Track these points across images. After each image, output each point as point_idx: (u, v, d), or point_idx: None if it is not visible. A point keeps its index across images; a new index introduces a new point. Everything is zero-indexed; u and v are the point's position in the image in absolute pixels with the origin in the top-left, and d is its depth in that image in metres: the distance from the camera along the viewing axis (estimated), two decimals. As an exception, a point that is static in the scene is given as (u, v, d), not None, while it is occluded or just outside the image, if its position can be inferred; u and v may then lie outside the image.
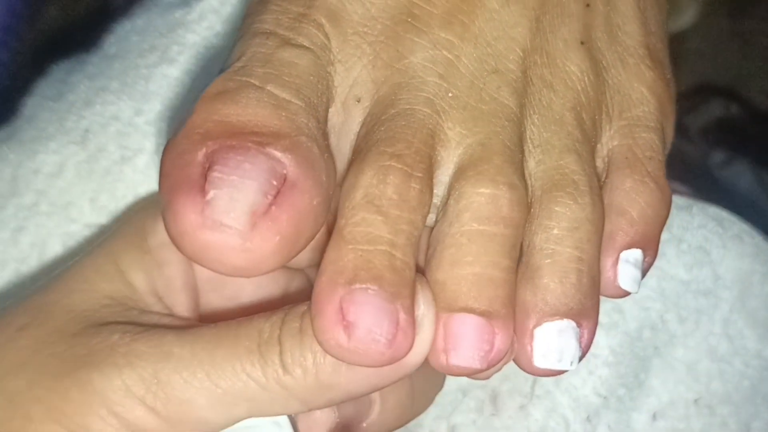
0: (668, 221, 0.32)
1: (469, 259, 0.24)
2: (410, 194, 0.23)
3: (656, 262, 0.32)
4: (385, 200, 0.23)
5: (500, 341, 0.24)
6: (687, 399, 0.30)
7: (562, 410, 0.30)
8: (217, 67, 0.25)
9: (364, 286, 0.22)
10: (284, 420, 0.26)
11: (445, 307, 0.24)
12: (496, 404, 0.31)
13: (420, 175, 0.24)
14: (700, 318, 0.31)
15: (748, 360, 0.31)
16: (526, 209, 0.25)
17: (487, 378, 0.25)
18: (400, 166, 0.24)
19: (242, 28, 0.26)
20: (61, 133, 0.33)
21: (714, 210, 0.33)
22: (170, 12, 0.34)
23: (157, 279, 0.26)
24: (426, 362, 0.24)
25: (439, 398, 0.32)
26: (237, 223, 0.21)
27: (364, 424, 0.26)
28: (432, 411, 0.32)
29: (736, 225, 0.32)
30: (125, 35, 0.34)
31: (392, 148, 0.24)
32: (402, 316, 0.22)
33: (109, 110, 0.32)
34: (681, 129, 0.54)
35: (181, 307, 0.27)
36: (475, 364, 0.23)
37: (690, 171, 0.53)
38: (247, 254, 0.22)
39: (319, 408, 0.24)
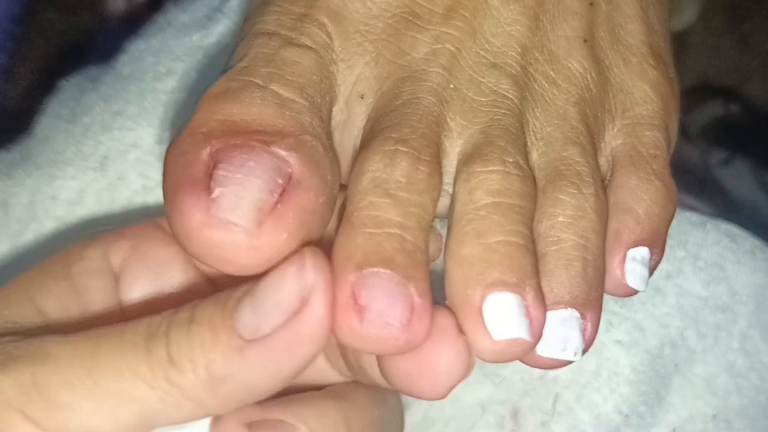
0: (684, 238, 0.33)
1: (494, 229, 0.23)
2: (418, 177, 0.23)
3: (674, 279, 0.32)
4: (392, 183, 0.23)
5: (539, 314, 0.23)
6: (705, 414, 0.31)
7: (584, 427, 0.30)
8: (217, 71, 0.25)
9: (375, 269, 0.22)
10: None
11: (479, 282, 0.23)
12: (517, 420, 0.31)
13: (427, 158, 0.24)
14: (718, 334, 0.31)
15: (763, 374, 0.31)
16: (535, 187, 0.25)
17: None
18: (406, 149, 0.23)
19: (244, 30, 0.26)
20: (78, 158, 0.32)
21: (726, 226, 0.33)
22: (186, 33, 0.34)
23: (73, 306, 0.25)
24: (393, 392, 0.23)
25: (458, 413, 0.32)
26: (244, 221, 0.21)
27: None
28: (451, 426, 0.32)
29: (748, 240, 0.33)
30: (139, 55, 0.34)
31: (397, 133, 0.24)
32: (416, 300, 0.22)
33: (128, 136, 0.32)
34: (680, 129, 0.54)
35: None
36: (524, 335, 0.23)
37: (689, 171, 0.53)
38: (254, 252, 0.21)
39: (218, 411, 0.22)
